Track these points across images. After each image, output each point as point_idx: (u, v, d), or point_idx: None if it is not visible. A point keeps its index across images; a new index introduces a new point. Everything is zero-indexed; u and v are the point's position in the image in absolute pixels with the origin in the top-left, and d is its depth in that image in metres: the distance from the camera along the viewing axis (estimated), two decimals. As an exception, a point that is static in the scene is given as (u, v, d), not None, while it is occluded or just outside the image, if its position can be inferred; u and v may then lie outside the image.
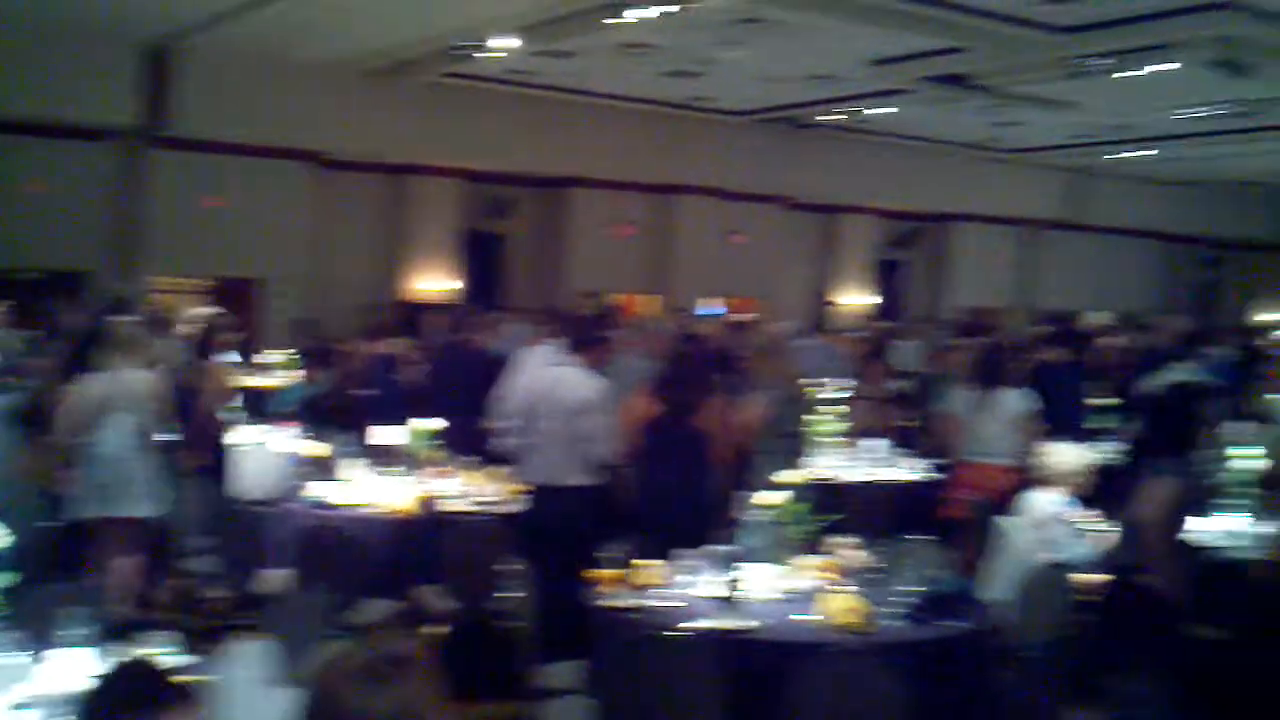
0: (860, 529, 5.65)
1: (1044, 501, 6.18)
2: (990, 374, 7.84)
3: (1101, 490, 6.00)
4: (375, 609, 5.65)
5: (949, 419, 8.07)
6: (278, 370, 9.88)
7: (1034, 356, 9.40)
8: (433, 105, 14.32)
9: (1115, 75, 11.61)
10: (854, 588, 4.68)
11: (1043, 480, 6.27)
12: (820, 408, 8.23)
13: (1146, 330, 13.68)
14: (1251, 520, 6.19)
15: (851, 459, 8.16)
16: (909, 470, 8.18)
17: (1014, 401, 7.66)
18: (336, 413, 7.77)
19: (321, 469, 6.80)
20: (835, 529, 5.31)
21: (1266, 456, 6.37)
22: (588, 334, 6.60)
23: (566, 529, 5.98)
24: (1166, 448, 5.02)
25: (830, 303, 18.46)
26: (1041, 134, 16.48)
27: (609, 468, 6.42)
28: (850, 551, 5.04)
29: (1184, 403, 5.21)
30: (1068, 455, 6.29)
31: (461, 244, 15.72)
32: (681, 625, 4.30)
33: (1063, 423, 7.18)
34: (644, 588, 4.71)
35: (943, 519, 7.30)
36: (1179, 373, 8.78)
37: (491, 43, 11.62)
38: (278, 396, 9.08)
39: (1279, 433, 6.34)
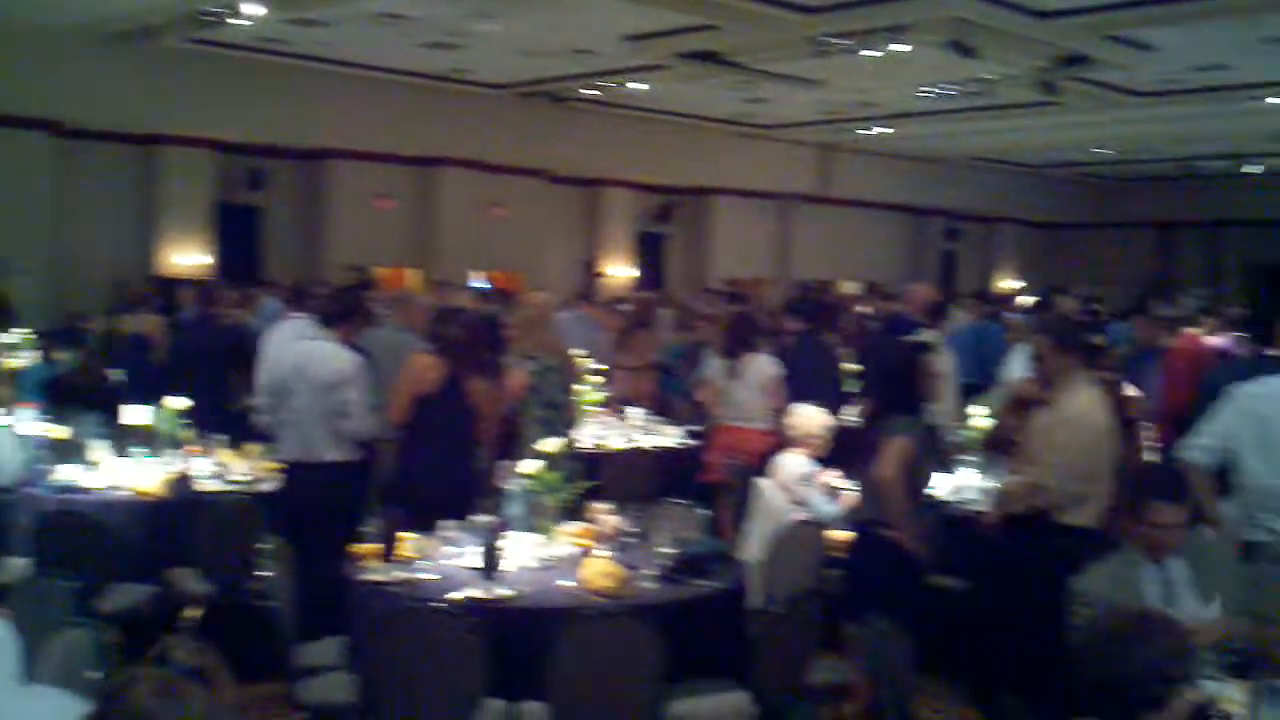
0: (620, 495, 5.80)
1: (793, 463, 6.47)
2: (741, 341, 8.13)
3: (847, 450, 6.30)
4: (126, 594, 5.47)
5: (705, 385, 8.33)
6: (18, 350, 9.38)
7: (784, 324, 9.80)
8: (183, 73, 13.80)
9: (858, 54, 12.10)
10: (611, 553, 4.80)
11: (790, 443, 6.57)
12: (584, 378, 8.36)
13: (892, 299, 14.36)
14: (981, 476, 6.61)
15: (614, 428, 8.34)
16: (668, 437, 8.40)
17: (764, 367, 7.95)
18: (81, 393, 7.42)
19: (68, 451, 6.51)
20: (595, 496, 5.43)
21: (991, 417, 6.80)
22: (340, 308, 6.50)
23: (324, 505, 5.90)
24: (900, 408, 5.29)
25: (596, 275, 18.67)
26: (792, 110, 17.05)
27: (369, 442, 6.37)
28: (608, 518, 5.16)
29: (914, 364, 5.50)
30: (811, 418, 6.60)
31: (216, 217, 15.20)
32: (441, 597, 4.33)
33: (812, 388, 7.49)
34: (405, 561, 4.72)
35: (701, 483, 7.56)
36: (922, 337, 9.28)
37: (241, 8, 11.27)
38: (19, 377, 8.63)
39: (1004, 394, 6.76)
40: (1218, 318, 11.05)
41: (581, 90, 15.97)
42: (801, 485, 6.35)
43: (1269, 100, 14.51)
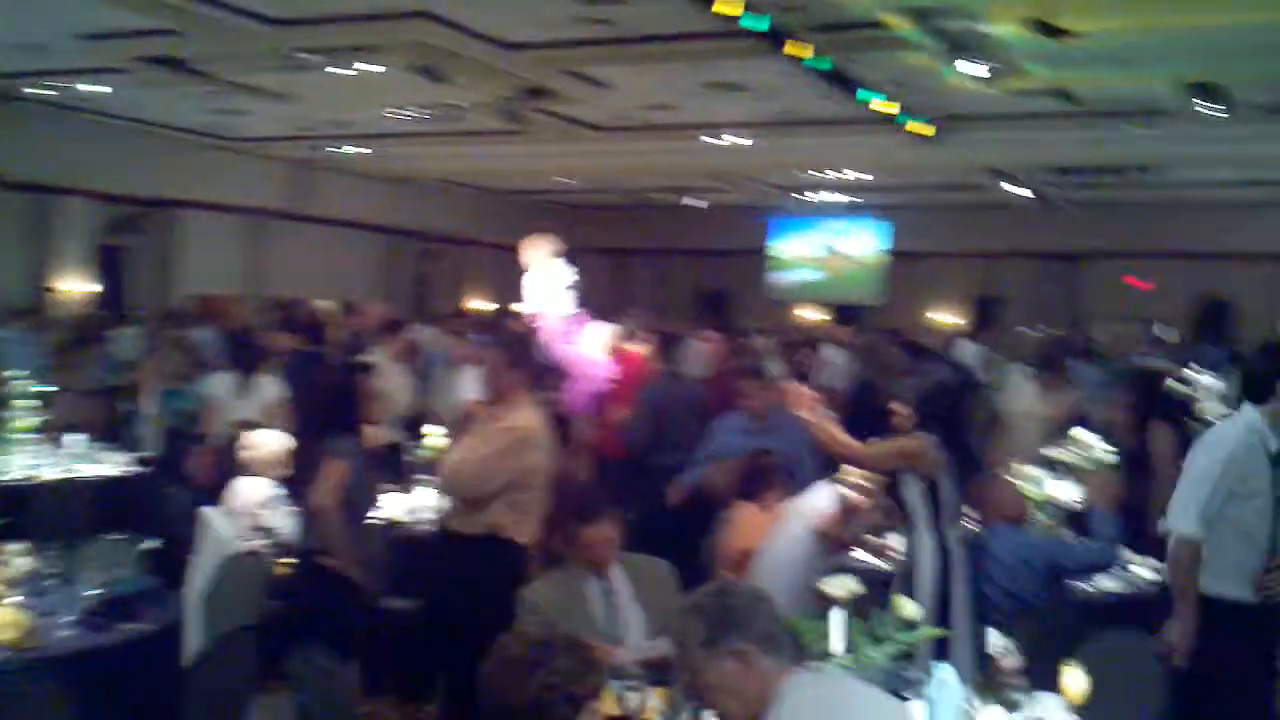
0: (47, 531, 5.32)
1: (252, 488, 6.24)
2: (246, 360, 7.93)
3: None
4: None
5: (209, 404, 8.02)
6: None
7: (275, 343, 9.57)
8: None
9: (327, 71, 11.95)
10: (22, 599, 4.38)
11: (248, 467, 6.34)
12: (17, 402, 7.65)
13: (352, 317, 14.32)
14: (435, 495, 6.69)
15: (49, 456, 7.68)
16: (113, 465, 7.86)
17: (269, 388, 7.81)
18: None
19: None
20: (9, 534, 4.94)
21: (446, 436, 6.94)
22: None
23: None
24: (336, 430, 5.25)
25: (48, 289, 17.15)
26: (264, 124, 16.54)
27: None
28: (19, 559, 4.71)
29: (350, 386, 5.49)
30: (268, 441, 6.42)
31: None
32: None
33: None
34: None
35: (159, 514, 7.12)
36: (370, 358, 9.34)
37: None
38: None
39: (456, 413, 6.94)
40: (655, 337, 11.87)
41: (28, 90, 14.65)
42: (264, 510, 6.14)
43: (707, 140, 15.82)
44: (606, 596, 4.48)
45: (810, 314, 23.61)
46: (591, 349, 8.76)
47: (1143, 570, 6.05)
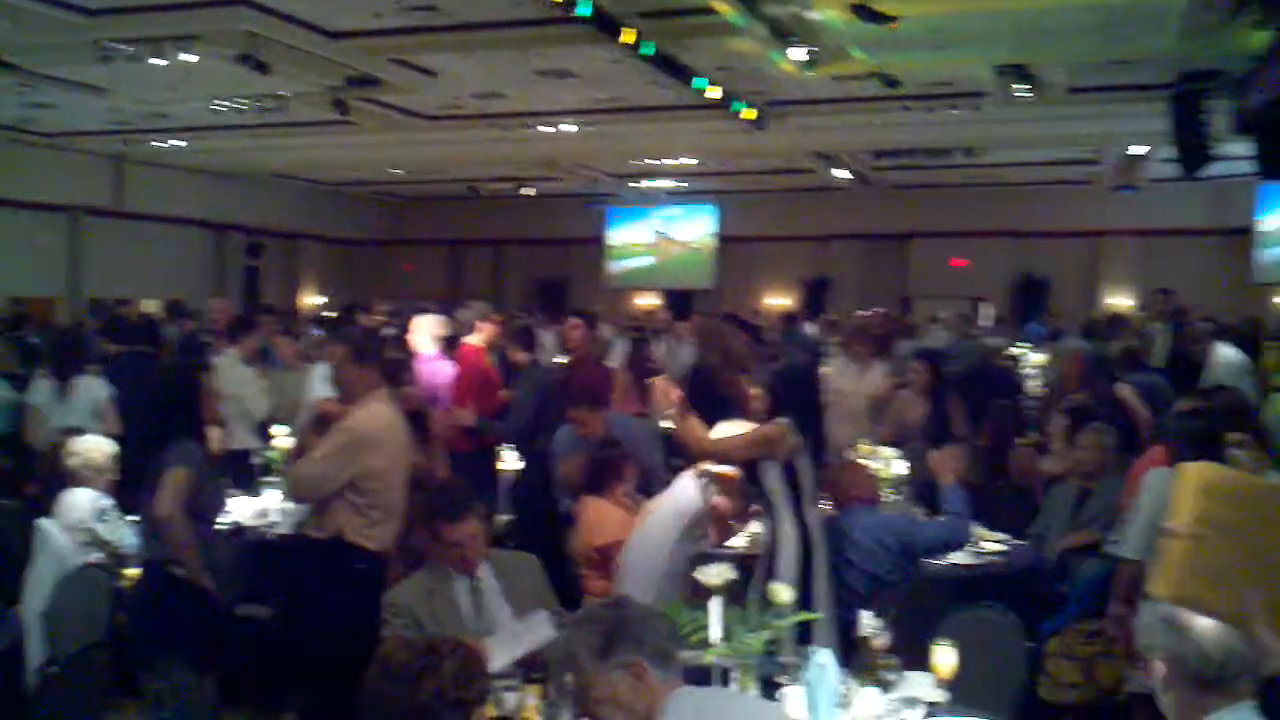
0: None
1: (83, 499, 5.95)
2: (67, 363, 7.61)
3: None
4: None
5: (29, 411, 7.70)
6: None
7: (101, 345, 9.21)
8: None
9: (145, 62, 11.48)
10: None
11: (76, 476, 6.04)
12: None
13: (193, 316, 13.86)
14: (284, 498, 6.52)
15: None
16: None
17: (95, 390, 7.51)
18: None
19: None
20: None
21: (293, 437, 6.77)
22: None
23: None
24: (176, 435, 5.06)
25: None
26: (79, 118, 15.82)
27: None
28: None
29: (192, 387, 5.29)
30: (94, 448, 6.11)
31: None
32: None
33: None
34: None
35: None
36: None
37: None
38: None
39: (307, 413, 6.77)
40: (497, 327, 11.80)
41: None
42: (98, 522, 5.87)
43: (540, 129, 15.78)
44: (474, 595, 4.41)
45: (645, 300, 23.79)
46: (421, 342, 8.63)
47: (991, 544, 6.25)
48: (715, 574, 3.67)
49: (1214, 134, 12.06)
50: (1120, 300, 20.47)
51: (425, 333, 8.71)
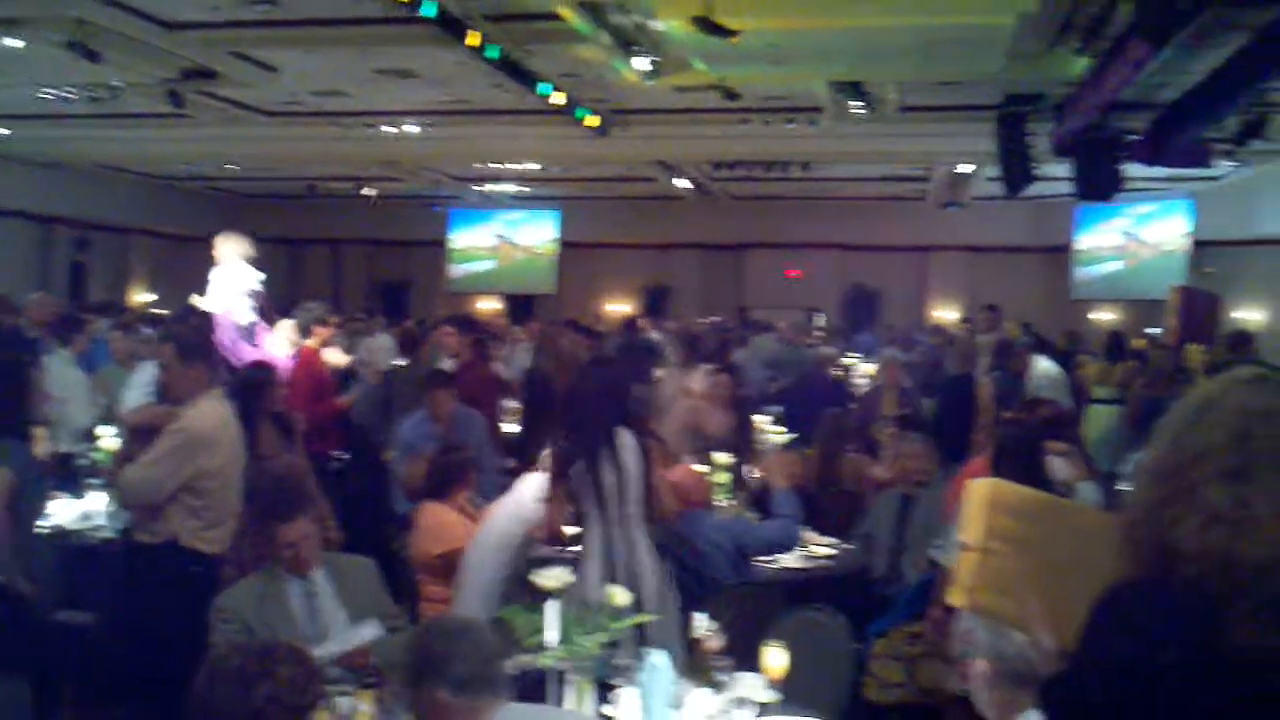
0: None
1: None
2: None
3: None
4: None
5: None
6: None
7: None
8: None
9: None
10: None
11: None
12: None
13: (16, 311, 13.29)
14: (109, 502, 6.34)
15: None
16: None
17: None
18: None
19: None
20: None
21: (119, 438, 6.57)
22: None
23: None
24: (1, 434, 4.88)
25: None
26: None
27: None
28: None
29: (17, 384, 5.11)
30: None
31: None
32: None
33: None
34: None
35: None
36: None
37: None
38: None
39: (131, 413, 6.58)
40: (334, 329, 11.65)
41: None
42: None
43: (382, 128, 15.60)
44: (308, 598, 4.36)
45: (487, 304, 23.70)
46: (275, 344, 8.50)
47: (821, 548, 6.43)
48: (552, 578, 3.71)
49: (1035, 155, 12.63)
50: (946, 313, 21.19)
51: (284, 335, 8.63)
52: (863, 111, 12.61)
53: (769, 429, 7.28)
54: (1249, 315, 16.58)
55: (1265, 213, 16.73)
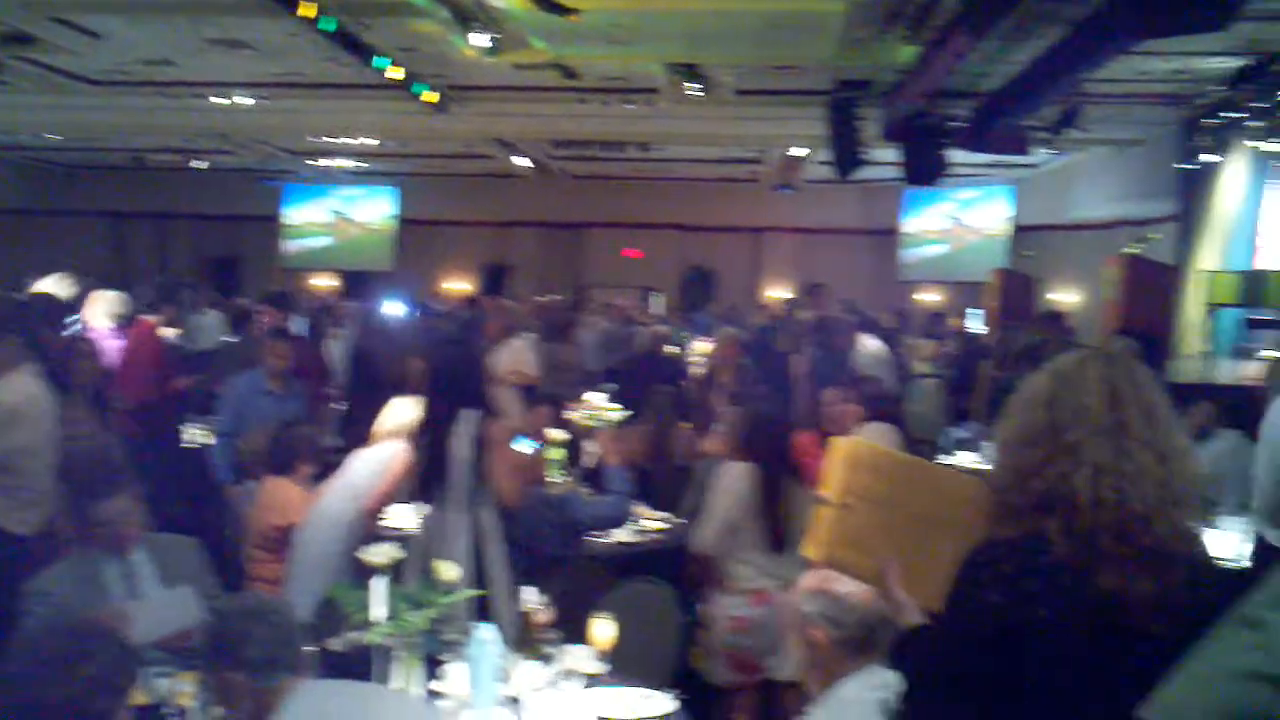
0: None
1: None
2: None
3: None
4: None
5: None
6: None
7: None
8: None
9: None
10: None
11: None
12: None
13: None
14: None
15: None
16: None
17: None
18: None
19: None
20: None
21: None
22: None
23: None
24: None
25: None
26: None
27: None
28: None
29: None
30: None
31: None
32: None
33: None
34: None
35: None
36: None
37: None
38: None
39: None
40: (171, 308, 11.38)
41: None
42: None
43: (213, 99, 15.16)
44: (127, 580, 4.27)
45: (323, 281, 23.31)
46: (96, 317, 8.24)
47: (653, 522, 6.53)
48: (380, 553, 3.71)
49: (865, 140, 12.97)
50: (780, 293, 21.63)
51: (101, 309, 8.39)
52: (699, 94, 12.76)
53: (602, 406, 7.34)
54: (1064, 297, 17.31)
55: (1080, 199, 17.48)
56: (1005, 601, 2.16)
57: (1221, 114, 11.54)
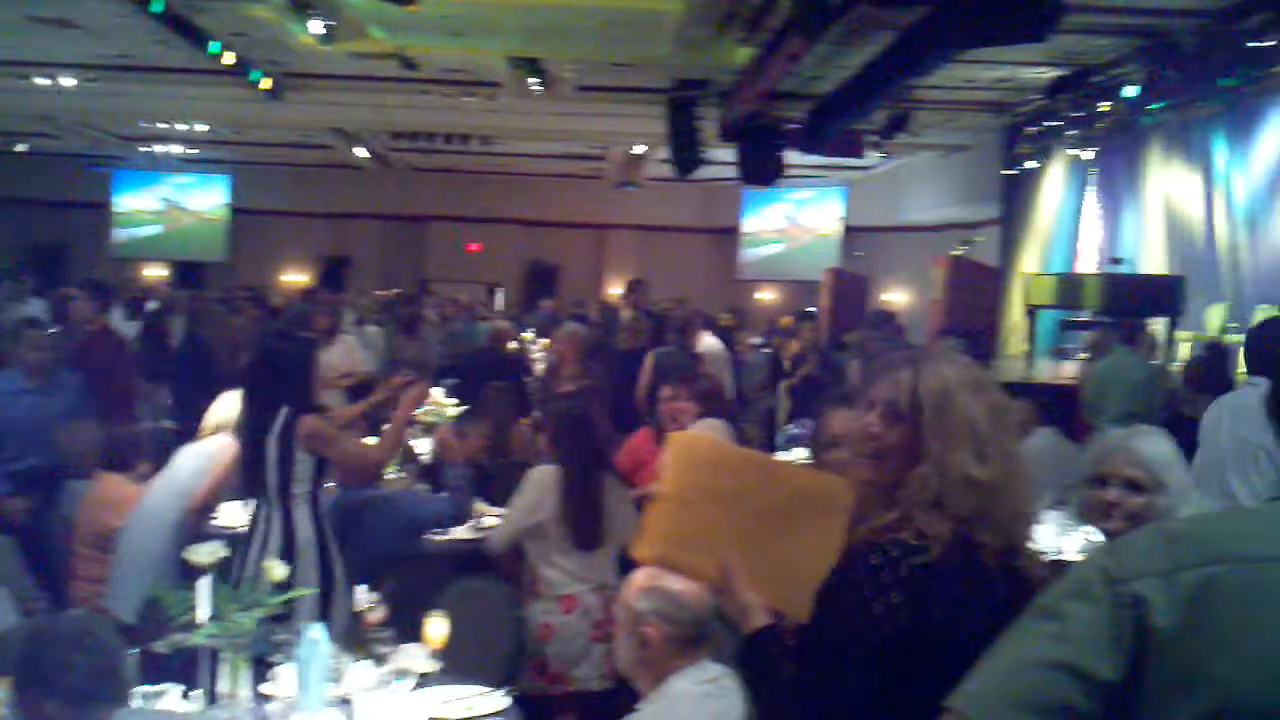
0: None
1: None
2: None
3: None
4: None
5: None
6: None
7: None
8: None
9: None
10: None
11: None
12: None
13: None
14: None
15: None
16: None
17: None
18: None
19: None
20: None
21: None
22: None
23: None
24: None
25: None
26: None
27: None
28: None
29: None
30: None
31: None
32: None
33: None
34: None
35: None
36: None
37: None
38: None
39: None
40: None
41: None
42: None
43: (36, 80, 14.56)
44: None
45: (154, 271, 22.60)
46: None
47: (492, 519, 6.50)
48: (206, 553, 3.63)
49: (704, 139, 13.15)
50: (621, 290, 21.77)
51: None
52: (540, 89, 12.76)
53: (441, 401, 7.29)
54: (894, 297, 17.84)
55: (909, 202, 18.03)
56: (904, 602, 2.13)
57: (1043, 122, 12.03)
